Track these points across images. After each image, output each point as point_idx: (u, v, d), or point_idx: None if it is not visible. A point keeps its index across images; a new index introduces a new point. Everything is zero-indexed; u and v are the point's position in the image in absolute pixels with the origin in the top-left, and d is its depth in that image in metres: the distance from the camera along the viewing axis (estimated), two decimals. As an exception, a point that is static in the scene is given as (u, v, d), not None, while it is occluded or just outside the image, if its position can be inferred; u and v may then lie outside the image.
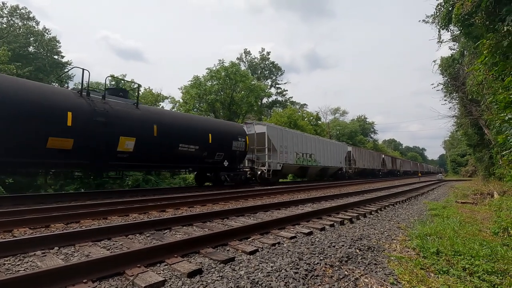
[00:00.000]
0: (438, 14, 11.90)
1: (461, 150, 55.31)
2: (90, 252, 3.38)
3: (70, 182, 13.50)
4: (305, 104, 52.56)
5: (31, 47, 25.46)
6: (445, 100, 22.57)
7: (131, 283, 2.51)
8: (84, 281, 2.47)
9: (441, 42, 14.21)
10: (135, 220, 5.35)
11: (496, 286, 3.15)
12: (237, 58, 48.63)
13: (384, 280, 2.95)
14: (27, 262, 3.01)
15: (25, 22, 25.84)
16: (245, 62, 49.38)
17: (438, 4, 11.41)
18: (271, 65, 50.49)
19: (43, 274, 2.35)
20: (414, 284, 2.92)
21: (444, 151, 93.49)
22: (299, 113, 41.34)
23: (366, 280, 2.93)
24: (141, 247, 3.17)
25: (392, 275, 3.09)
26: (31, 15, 26.24)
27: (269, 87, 46.78)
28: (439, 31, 13.09)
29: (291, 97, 50.95)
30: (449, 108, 24.87)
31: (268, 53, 50.01)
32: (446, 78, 20.50)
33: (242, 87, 30.35)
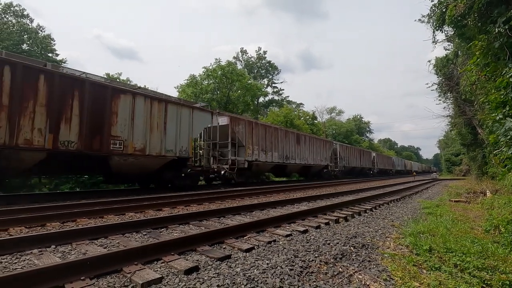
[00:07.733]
0: (432, 15, 12.04)
1: (455, 150, 55.82)
2: (87, 250, 3.39)
3: (65, 181, 13.39)
4: (301, 104, 52.64)
5: (25, 45, 25.15)
6: (440, 100, 22.78)
7: (128, 280, 2.53)
8: (82, 278, 2.49)
9: (436, 43, 14.31)
10: (131, 219, 5.36)
11: (486, 282, 3.24)
12: (234, 57, 48.58)
13: (377, 277, 3.01)
14: (24, 261, 3.02)
15: (18, 20, 25.53)
16: (241, 61, 49.32)
17: (432, 5, 11.55)
18: (267, 64, 50.43)
19: (40, 271, 2.36)
20: (407, 280, 2.99)
21: (438, 151, 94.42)
22: (295, 113, 41.42)
23: (360, 277, 2.99)
24: (138, 245, 3.20)
25: (386, 272, 3.16)
26: (25, 13, 25.97)
27: (265, 86, 46.82)
28: (433, 32, 13.24)
29: (288, 96, 51.00)
30: (443, 108, 25.07)
31: (265, 52, 49.98)
32: (441, 78, 20.68)
33: (238, 86, 30.33)
